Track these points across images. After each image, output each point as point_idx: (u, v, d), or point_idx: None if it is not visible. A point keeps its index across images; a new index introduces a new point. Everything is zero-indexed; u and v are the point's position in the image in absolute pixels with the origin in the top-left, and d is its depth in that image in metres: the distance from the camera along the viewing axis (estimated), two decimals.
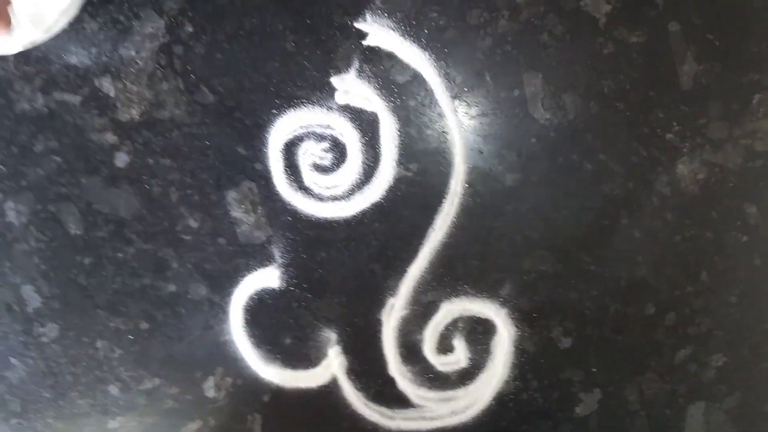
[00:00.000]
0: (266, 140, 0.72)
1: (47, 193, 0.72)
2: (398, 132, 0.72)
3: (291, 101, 0.71)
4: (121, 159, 0.71)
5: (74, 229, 0.73)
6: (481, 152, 0.73)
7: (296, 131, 0.72)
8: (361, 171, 0.73)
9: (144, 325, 0.76)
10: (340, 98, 0.71)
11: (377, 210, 0.74)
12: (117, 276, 0.74)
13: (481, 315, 0.77)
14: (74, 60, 0.69)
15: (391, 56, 0.71)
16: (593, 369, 0.79)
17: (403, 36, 0.70)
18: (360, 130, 0.72)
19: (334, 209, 0.74)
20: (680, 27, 0.71)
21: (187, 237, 0.74)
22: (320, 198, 0.74)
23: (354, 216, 0.74)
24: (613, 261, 0.76)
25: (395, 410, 0.78)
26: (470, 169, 0.73)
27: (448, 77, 0.71)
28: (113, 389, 0.78)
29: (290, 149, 0.72)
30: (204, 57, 0.69)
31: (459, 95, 0.72)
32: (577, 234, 0.76)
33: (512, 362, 0.78)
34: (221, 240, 0.74)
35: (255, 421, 0.79)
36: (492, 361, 0.78)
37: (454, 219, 0.74)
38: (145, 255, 0.74)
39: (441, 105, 0.72)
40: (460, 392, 0.78)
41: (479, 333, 0.77)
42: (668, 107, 0.73)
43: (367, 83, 0.71)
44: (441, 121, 0.72)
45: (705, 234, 0.76)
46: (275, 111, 0.71)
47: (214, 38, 0.69)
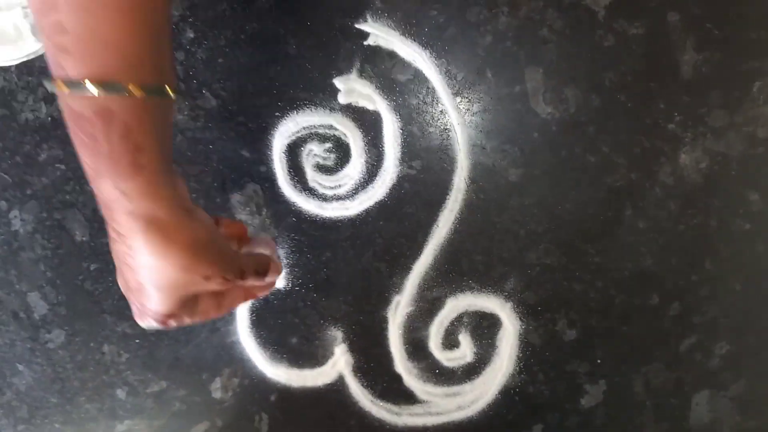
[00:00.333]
0: (270, 143, 0.72)
1: (52, 201, 0.72)
2: (401, 130, 0.72)
3: (294, 103, 0.71)
4: None
5: (80, 236, 0.73)
6: (484, 148, 0.73)
7: (299, 133, 0.72)
8: (365, 170, 0.73)
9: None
10: (343, 99, 0.71)
11: (381, 208, 0.74)
12: None
13: (486, 310, 0.77)
14: None
15: (392, 55, 0.70)
16: (599, 360, 0.79)
17: (404, 35, 0.70)
18: (363, 130, 0.72)
19: (339, 209, 0.74)
20: (679, 17, 0.71)
21: None
22: (324, 198, 0.74)
23: (358, 215, 0.74)
24: (618, 252, 0.76)
25: (402, 406, 0.78)
26: (473, 165, 0.73)
27: (450, 75, 0.71)
28: (121, 393, 0.78)
29: (294, 151, 0.72)
30: (206, 62, 0.69)
31: (460, 92, 0.72)
32: (582, 226, 0.76)
33: (518, 356, 0.78)
34: None
35: (262, 421, 0.79)
36: (498, 355, 0.78)
37: (458, 215, 0.74)
38: None
39: (443, 102, 0.72)
40: (467, 387, 0.79)
41: (484, 327, 0.77)
42: (669, 97, 0.73)
43: (369, 83, 0.71)
44: (443, 119, 0.72)
45: (709, 222, 0.76)
46: (278, 114, 0.71)
47: (216, 43, 0.69)
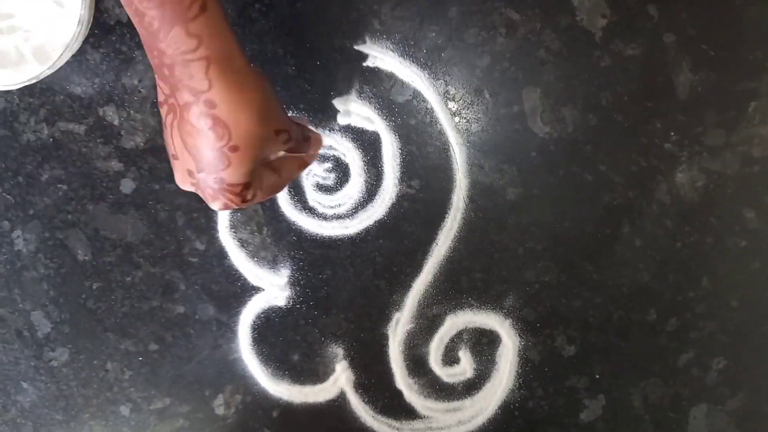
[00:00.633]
0: None
1: (55, 221, 0.73)
2: (399, 150, 0.73)
3: None
4: (127, 185, 0.72)
5: (82, 255, 0.74)
6: (483, 167, 0.74)
7: None
8: (364, 189, 0.74)
9: (153, 347, 0.76)
10: (342, 119, 0.72)
11: (381, 227, 0.75)
12: (126, 299, 0.75)
13: (486, 326, 0.78)
14: (78, 90, 0.69)
15: (391, 76, 0.71)
16: (597, 376, 0.80)
17: (402, 56, 0.71)
18: (362, 150, 0.73)
19: (339, 228, 0.75)
20: (675, 38, 0.72)
21: (194, 259, 0.74)
22: (324, 217, 0.74)
23: (358, 233, 0.75)
24: (616, 269, 0.77)
25: (403, 422, 0.79)
26: (472, 184, 0.74)
27: (448, 95, 0.72)
28: (124, 410, 0.78)
29: None
30: None
31: (459, 112, 0.73)
32: (580, 244, 0.76)
33: (517, 371, 0.79)
34: (228, 261, 0.75)
35: None
36: (497, 371, 0.79)
37: (457, 233, 0.75)
38: (153, 278, 0.75)
39: (441, 122, 0.73)
40: (467, 402, 0.79)
41: (484, 344, 0.78)
42: (666, 117, 0.73)
43: (368, 104, 0.72)
44: (442, 138, 0.73)
45: (705, 240, 0.77)
46: None
47: None
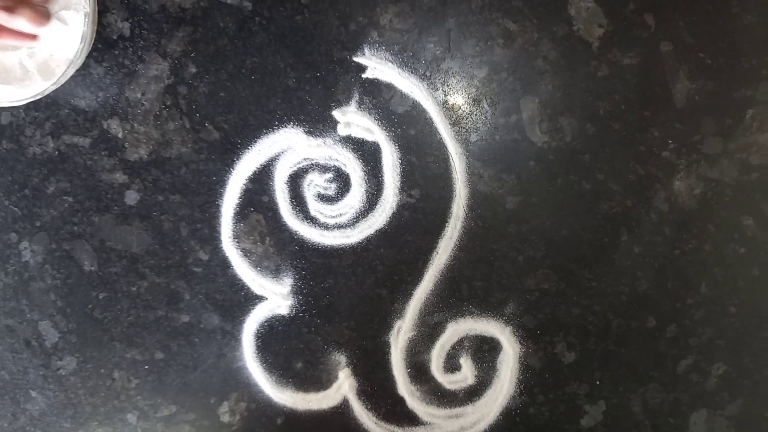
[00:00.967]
0: (272, 173, 0.73)
1: (61, 233, 0.74)
2: (399, 160, 0.74)
3: (294, 135, 0.73)
4: (132, 197, 0.73)
5: (89, 266, 0.75)
6: (482, 176, 0.74)
7: (300, 163, 0.73)
8: (365, 199, 0.75)
9: (159, 355, 0.77)
10: (342, 130, 0.73)
11: (382, 236, 0.75)
12: (132, 309, 0.76)
13: (487, 334, 0.78)
14: (82, 104, 0.70)
15: (390, 87, 0.72)
16: (597, 382, 0.80)
17: (401, 67, 0.72)
18: (362, 160, 0.74)
19: (340, 237, 0.75)
20: (672, 47, 0.72)
21: (199, 269, 0.75)
22: (326, 227, 0.75)
23: (359, 243, 0.76)
24: (615, 277, 0.78)
25: (405, 428, 0.80)
26: (471, 193, 0.75)
27: (447, 105, 0.73)
28: (131, 417, 0.79)
29: (295, 181, 0.74)
30: (208, 96, 0.71)
31: (458, 122, 0.73)
32: (579, 252, 0.77)
33: (518, 378, 0.80)
34: (231, 271, 0.76)
35: None
36: (498, 378, 0.79)
37: (457, 242, 0.76)
38: (158, 288, 0.76)
39: (441, 132, 0.73)
40: (468, 409, 0.80)
41: (485, 351, 0.79)
42: (663, 125, 0.74)
43: (368, 114, 0.72)
44: (441, 148, 0.74)
45: (704, 247, 0.77)
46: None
47: (218, 77, 0.71)
